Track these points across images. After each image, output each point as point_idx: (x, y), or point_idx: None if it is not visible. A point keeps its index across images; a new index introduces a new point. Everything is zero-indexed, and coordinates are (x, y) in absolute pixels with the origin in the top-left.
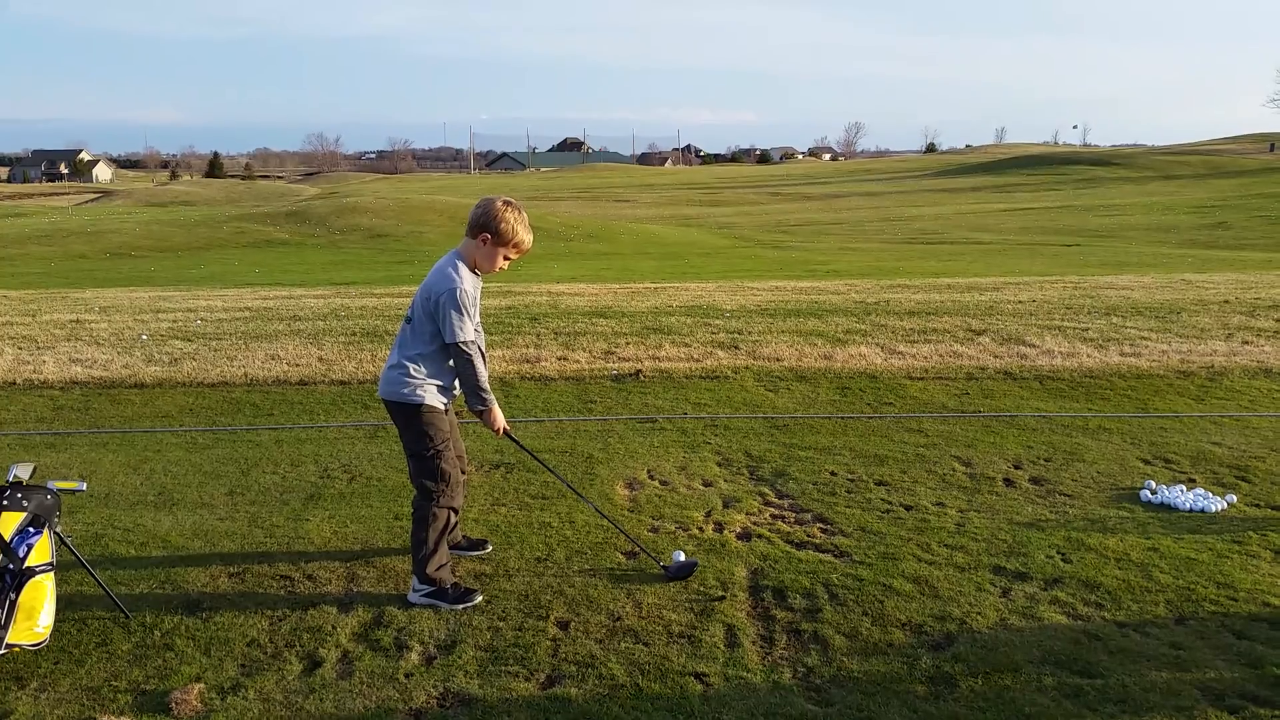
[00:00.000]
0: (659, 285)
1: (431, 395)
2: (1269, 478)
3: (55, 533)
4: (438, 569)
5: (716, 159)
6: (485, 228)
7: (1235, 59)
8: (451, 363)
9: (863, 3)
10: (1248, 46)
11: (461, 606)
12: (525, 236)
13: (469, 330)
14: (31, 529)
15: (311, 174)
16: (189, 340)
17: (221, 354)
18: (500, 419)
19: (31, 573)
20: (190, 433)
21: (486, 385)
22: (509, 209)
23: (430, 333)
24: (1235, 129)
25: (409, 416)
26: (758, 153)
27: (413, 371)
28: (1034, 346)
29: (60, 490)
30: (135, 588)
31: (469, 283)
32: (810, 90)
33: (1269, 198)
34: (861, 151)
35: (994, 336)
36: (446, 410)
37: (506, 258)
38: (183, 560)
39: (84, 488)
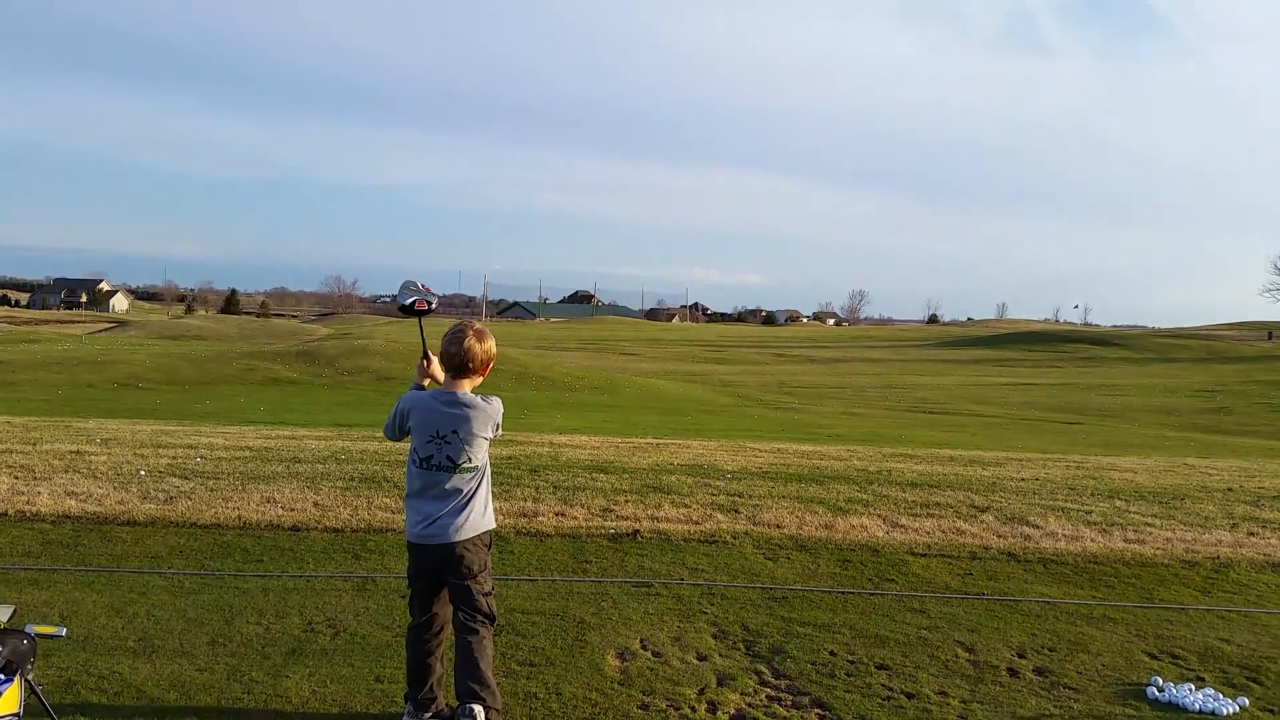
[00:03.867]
0: (661, 441)
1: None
2: None
3: (27, 680)
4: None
5: (723, 317)
6: (487, 363)
7: (1232, 248)
8: None
9: (872, 182)
10: (1243, 238)
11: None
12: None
13: None
14: (2, 675)
15: (326, 314)
16: (186, 478)
17: (217, 494)
18: (435, 363)
19: None
20: (178, 575)
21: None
22: (482, 338)
23: (483, 456)
24: (1233, 314)
25: (489, 545)
26: (763, 314)
27: (487, 498)
28: (1037, 527)
29: (39, 635)
30: None
31: None
32: (816, 256)
33: (1269, 385)
34: (865, 318)
35: (997, 515)
36: None
37: None
38: (155, 713)
39: (64, 633)
